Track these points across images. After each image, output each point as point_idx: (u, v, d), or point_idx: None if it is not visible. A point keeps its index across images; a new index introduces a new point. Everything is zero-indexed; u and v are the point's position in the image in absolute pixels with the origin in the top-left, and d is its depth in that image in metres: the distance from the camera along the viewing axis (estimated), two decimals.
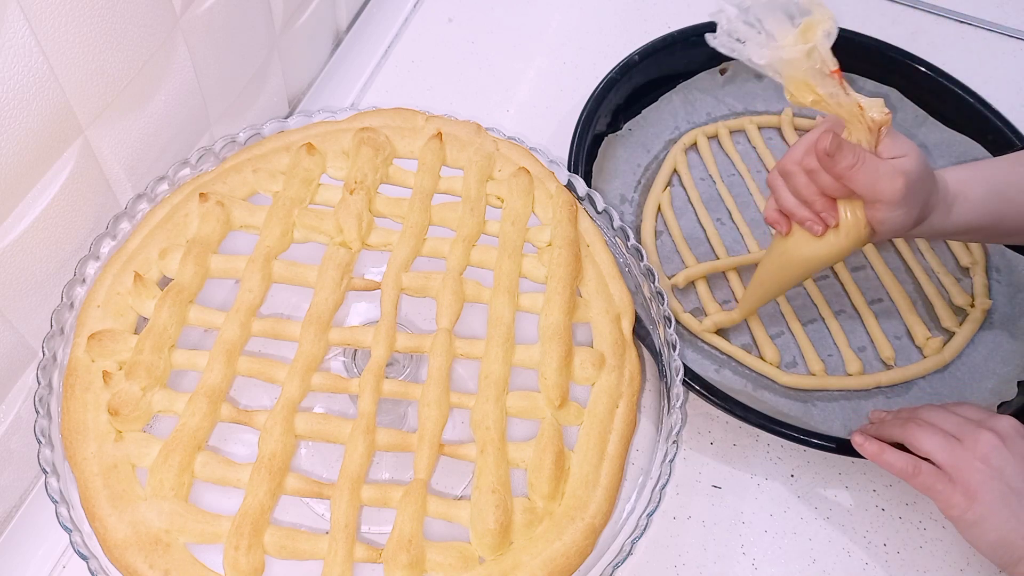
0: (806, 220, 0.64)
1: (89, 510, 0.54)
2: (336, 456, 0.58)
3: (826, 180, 0.62)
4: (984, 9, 1.07)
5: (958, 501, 0.60)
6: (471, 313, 0.64)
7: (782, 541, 0.71)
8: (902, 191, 0.60)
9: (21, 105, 0.53)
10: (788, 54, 0.57)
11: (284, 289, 0.64)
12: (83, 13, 0.55)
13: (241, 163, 0.67)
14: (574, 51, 1.00)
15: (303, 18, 0.87)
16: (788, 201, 0.65)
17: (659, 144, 0.91)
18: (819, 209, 0.64)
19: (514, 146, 0.70)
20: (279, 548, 0.54)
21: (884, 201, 0.61)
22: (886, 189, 0.60)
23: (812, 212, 0.64)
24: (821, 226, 0.64)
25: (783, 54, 0.57)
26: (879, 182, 0.60)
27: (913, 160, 0.61)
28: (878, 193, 0.60)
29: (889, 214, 0.62)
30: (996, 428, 0.62)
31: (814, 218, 0.64)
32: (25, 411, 0.65)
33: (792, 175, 0.64)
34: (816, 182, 0.63)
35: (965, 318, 0.82)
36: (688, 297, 0.81)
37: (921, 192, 0.62)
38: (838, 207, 0.63)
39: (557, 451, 0.57)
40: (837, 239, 0.64)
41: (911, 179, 0.60)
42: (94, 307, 0.60)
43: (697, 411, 0.76)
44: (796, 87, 0.59)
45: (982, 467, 0.60)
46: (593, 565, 0.56)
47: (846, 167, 0.60)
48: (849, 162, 0.60)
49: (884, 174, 0.60)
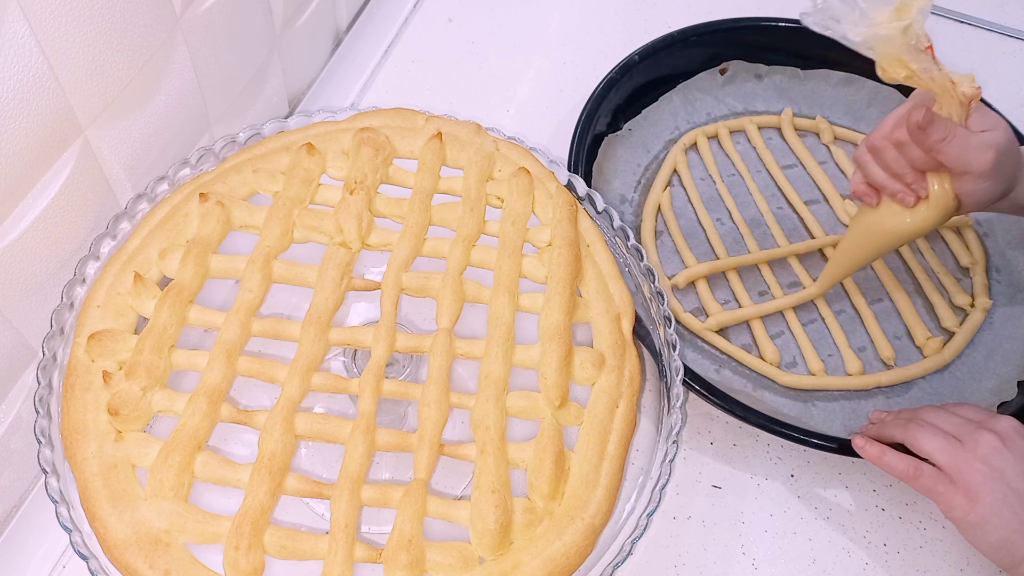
0: (898, 192, 0.66)
1: (89, 510, 0.54)
2: (336, 456, 0.58)
3: (916, 153, 0.64)
4: (984, 9, 1.07)
5: (959, 503, 0.60)
6: (471, 313, 0.64)
7: (782, 541, 0.71)
8: (992, 163, 0.62)
9: (21, 105, 0.53)
10: (884, 31, 0.59)
11: (284, 289, 0.64)
12: (83, 13, 0.55)
13: (241, 163, 0.67)
14: (574, 51, 1.00)
15: (303, 18, 0.87)
16: (878, 175, 0.67)
17: (659, 144, 0.91)
18: (909, 182, 0.66)
19: (514, 146, 0.70)
20: (279, 548, 0.54)
21: (973, 173, 0.63)
22: (975, 161, 0.62)
23: (903, 184, 0.66)
24: (913, 197, 0.66)
25: (879, 31, 0.59)
26: (969, 154, 0.62)
27: (1001, 134, 0.63)
28: (967, 165, 0.62)
29: (977, 186, 0.64)
30: (996, 429, 0.62)
31: (905, 190, 0.66)
32: (25, 411, 0.65)
33: (881, 149, 0.66)
34: (906, 155, 0.65)
35: (965, 318, 0.82)
36: (688, 297, 0.81)
37: (1008, 165, 0.64)
38: (928, 179, 0.65)
39: (557, 451, 0.57)
40: (927, 210, 0.66)
41: (1000, 152, 0.62)
42: (94, 307, 0.60)
43: (697, 411, 0.76)
44: (889, 63, 0.61)
45: (983, 468, 0.60)
46: (593, 565, 0.56)
47: (937, 140, 0.62)
48: (940, 135, 0.62)
49: (974, 147, 0.62)
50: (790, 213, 0.88)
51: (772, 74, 0.95)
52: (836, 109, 0.94)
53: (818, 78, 0.95)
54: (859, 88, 0.94)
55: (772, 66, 0.95)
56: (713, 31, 0.92)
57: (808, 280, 0.82)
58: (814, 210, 0.87)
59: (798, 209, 0.87)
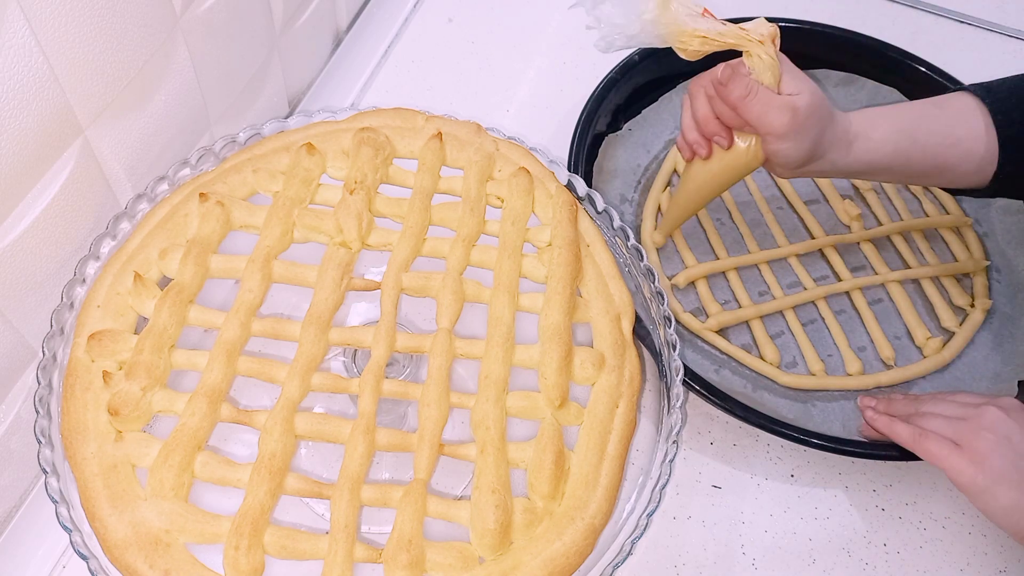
0: (693, 143, 0.70)
1: (89, 510, 0.54)
2: (336, 456, 0.58)
3: (722, 108, 0.67)
4: (984, 9, 1.07)
5: (965, 467, 0.61)
6: (471, 313, 0.64)
7: (782, 541, 0.71)
8: (788, 124, 0.64)
9: (21, 105, 0.53)
10: (652, 16, 0.62)
11: (284, 289, 0.64)
12: (83, 13, 0.55)
13: (241, 163, 0.67)
14: (574, 51, 1.00)
15: (303, 18, 0.87)
16: (686, 123, 0.70)
17: (659, 144, 0.91)
18: (712, 132, 0.68)
19: (514, 146, 0.70)
20: (279, 548, 0.54)
21: (773, 133, 0.65)
22: (774, 122, 0.65)
23: (698, 135, 0.69)
24: (706, 149, 0.69)
25: (648, 16, 0.62)
26: (768, 114, 0.65)
27: (805, 97, 0.65)
28: (767, 125, 0.65)
29: (778, 146, 0.66)
30: (998, 404, 0.64)
31: (700, 140, 0.69)
32: (25, 411, 0.65)
33: (695, 97, 0.69)
34: (715, 108, 0.68)
35: (965, 318, 0.82)
36: (688, 297, 0.81)
37: (812, 128, 0.66)
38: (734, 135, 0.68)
39: (557, 451, 0.57)
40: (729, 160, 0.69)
41: (800, 114, 0.65)
42: (94, 307, 0.60)
43: (697, 411, 0.76)
44: (681, 40, 0.63)
45: (989, 435, 0.61)
46: (593, 565, 0.56)
47: (738, 97, 0.65)
48: (741, 93, 0.65)
49: (774, 107, 0.64)
50: (790, 213, 0.88)
51: None
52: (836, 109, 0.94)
53: (818, 78, 0.94)
54: (859, 88, 0.94)
55: None
56: None
57: (809, 282, 0.82)
58: (814, 210, 0.87)
59: (798, 209, 0.87)
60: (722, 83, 0.65)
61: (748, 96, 0.64)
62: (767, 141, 0.67)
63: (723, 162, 0.70)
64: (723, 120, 0.68)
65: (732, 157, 0.69)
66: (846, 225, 0.86)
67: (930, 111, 0.70)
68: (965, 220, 0.87)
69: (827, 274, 0.84)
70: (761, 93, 0.64)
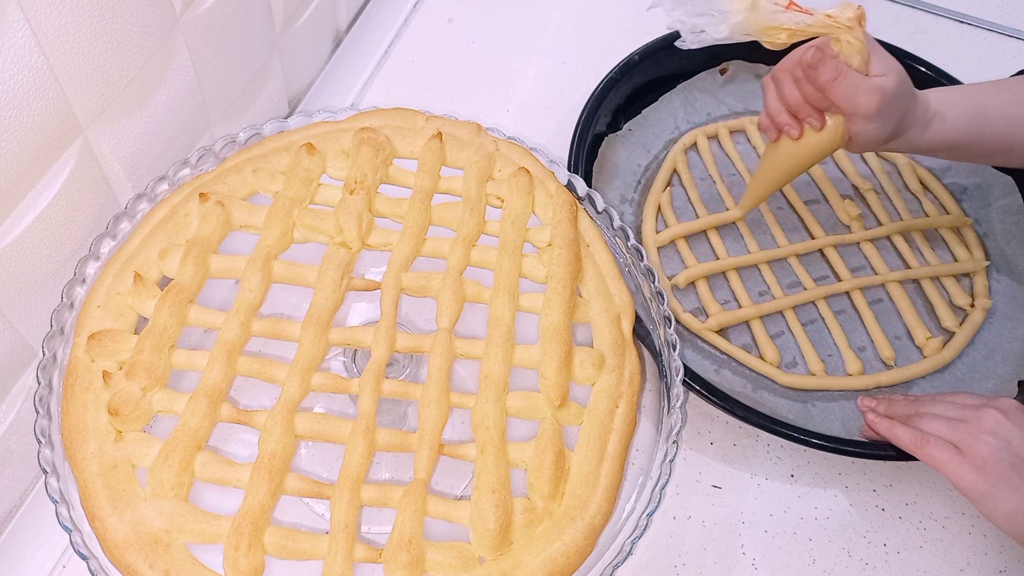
0: (784, 124, 0.71)
1: (89, 510, 0.54)
2: (336, 456, 0.58)
3: (810, 90, 0.68)
4: (984, 9, 1.07)
5: (966, 472, 0.61)
6: (471, 313, 0.64)
7: (782, 541, 0.71)
8: (876, 106, 0.66)
9: (21, 105, 0.53)
10: (740, 16, 0.63)
11: (284, 289, 0.64)
12: (83, 13, 0.55)
13: (241, 163, 0.67)
14: (574, 51, 1.00)
15: (303, 18, 0.87)
16: (773, 105, 0.72)
17: (659, 144, 0.91)
18: (803, 116, 0.70)
19: (514, 146, 0.70)
20: (279, 548, 0.54)
21: (860, 114, 0.67)
22: (862, 103, 0.66)
23: (789, 117, 0.71)
24: (797, 130, 0.71)
25: (737, 19, 0.63)
26: (857, 96, 0.66)
27: (892, 79, 0.66)
28: (855, 107, 0.66)
29: (864, 126, 0.68)
30: (998, 406, 0.64)
31: (792, 122, 0.71)
32: (25, 411, 0.65)
33: (781, 82, 0.70)
34: (802, 91, 0.69)
35: (965, 318, 0.82)
36: (688, 297, 0.81)
37: (896, 109, 0.68)
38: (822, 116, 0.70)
39: (557, 451, 0.57)
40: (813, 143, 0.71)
41: (887, 96, 0.66)
42: (94, 307, 0.60)
43: (697, 411, 0.76)
44: (768, 35, 0.64)
45: (990, 439, 0.61)
46: (593, 565, 0.56)
47: (827, 80, 0.66)
48: (830, 75, 0.66)
49: (862, 89, 0.66)
50: (790, 213, 0.88)
51: None
52: None
53: None
54: None
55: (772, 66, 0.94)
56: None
57: (809, 282, 0.82)
58: (814, 210, 0.87)
59: (798, 209, 0.87)
60: (811, 66, 0.66)
61: (837, 79, 0.65)
62: (852, 121, 0.68)
63: (810, 142, 0.71)
64: (810, 102, 0.69)
65: (819, 137, 0.71)
66: (846, 225, 0.86)
67: (1001, 92, 0.73)
68: (965, 220, 0.87)
69: (827, 274, 0.84)
70: (849, 75, 0.65)
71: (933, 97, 0.71)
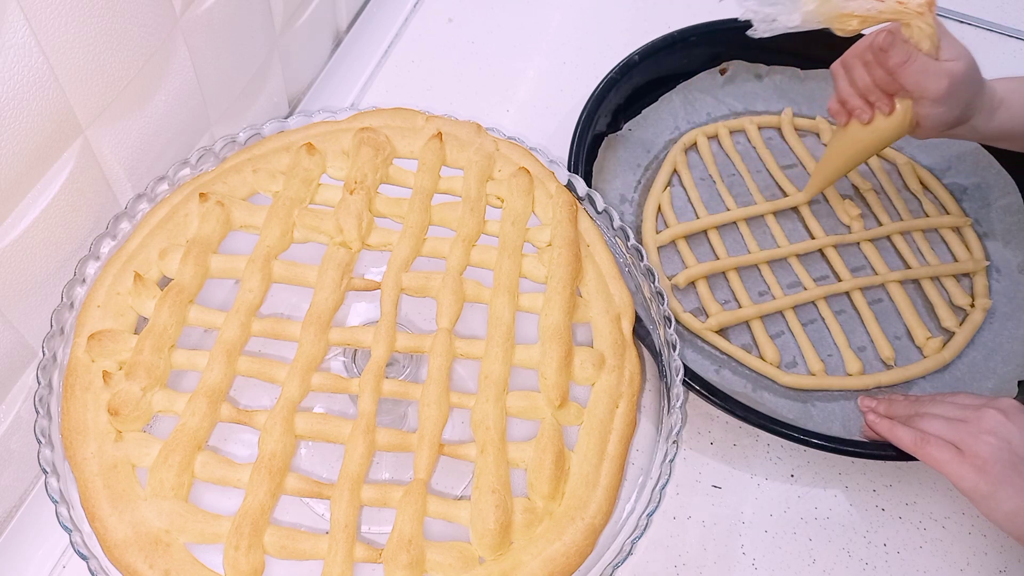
0: (856, 108, 0.73)
1: (89, 510, 0.54)
2: (336, 456, 0.58)
3: (880, 74, 0.70)
4: (984, 9, 1.07)
5: (967, 473, 0.61)
6: (471, 313, 0.64)
7: (782, 541, 0.71)
8: (945, 89, 0.67)
9: (21, 105, 0.53)
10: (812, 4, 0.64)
11: (284, 289, 0.64)
12: (83, 13, 0.55)
13: (241, 163, 0.67)
14: (574, 51, 1.00)
15: (303, 18, 0.87)
16: (844, 90, 0.74)
17: (659, 144, 0.91)
18: (872, 100, 0.72)
19: (514, 146, 0.70)
20: (279, 548, 0.54)
21: (928, 98, 0.69)
22: (931, 87, 0.68)
23: (862, 102, 0.73)
24: (868, 114, 0.73)
25: (809, 7, 0.64)
26: (926, 79, 0.68)
27: (962, 64, 0.68)
28: (924, 90, 0.68)
29: (932, 110, 0.69)
30: (998, 406, 0.64)
31: (863, 106, 0.73)
32: (25, 411, 0.65)
33: (851, 67, 0.72)
34: (872, 75, 0.71)
35: (965, 318, 0.82)
36: (688, 297, 0.81)
37: (964, 94, 0.69)
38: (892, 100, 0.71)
39: (557, 451, 0.57)
40: (883, 127, 0.73)
41: (955, 81, 0.68)
42: (94, 307, 0.60)
43: (697, 411, 0.76)
44: (839, 22, 0.66)
45: (990, 439, 0.61)
46: (593, 565, 0.56)
47: (898, 63, 0.68)
48: (900, 58, 0.67)
49: (932, 73, 0.67)
50: (790, 213, 0.88)
51: (772, 74, 0.95)
52: None
53: (818, 78, 0.95)
54: None
55: (772, 66, 0.95)
56: (713, 31, 0.92)
57: (809, 282, 0.82)
58: (814, 210, 0.87)
59: (798, 209, 0.87)
60: (882, 49, 0.68)
61: (907, 62, 0.67)
62: (921, 105, 0.70)
63: (879, 127, 0.73)
64: (880, 86, 0.71)
65: (888, 122, 0.73)
66: (846, 225, 0.86)
67: None
68: (965, 220, 0.87)
69: (827, 274, 0.84)
70: (920, 59, 0.67)
71: (1000, 86, 0.73)
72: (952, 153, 0.91)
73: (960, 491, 0.62)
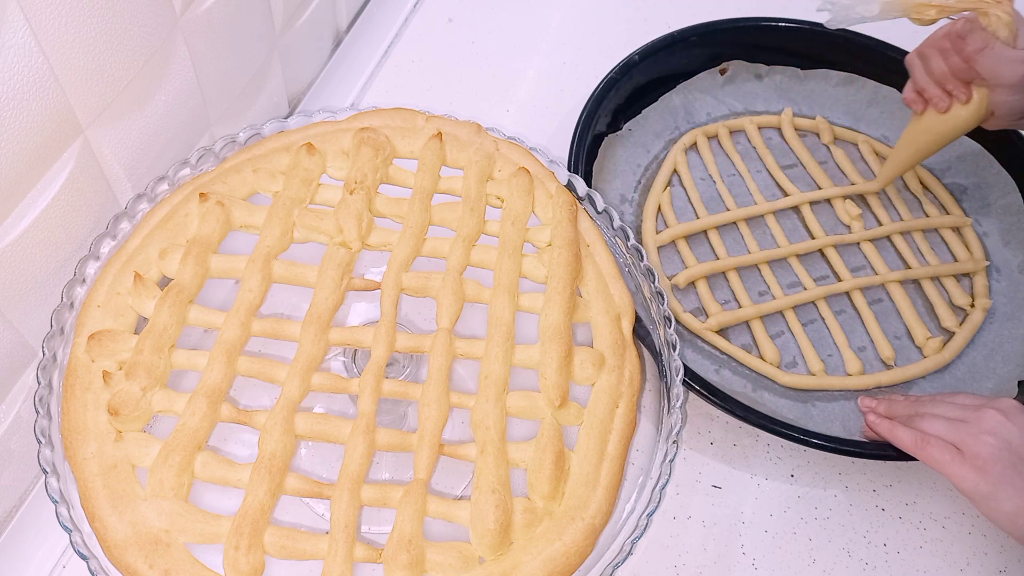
0: (934, 97, 0.74)
1: (89, 510, 0.54)
2: (336, 456, 0.58)
3: (956, 62, 0.71)
4: None
5: (968, 473, 0.61)
6: (471, 313, 0.64)
7: (782, 541, 0.71)
8: (1021, 77, 0.69)
9: (21, 105, 0.53)
10: None
11: (284, 289, 0.64)
12: (83, 13, 0.55)
13: (241, 163, 0.67)
14: (574, 51, 1.00)
15: (303, 18, 0.87)
16: (921, 78, 0.75)
17: (659, 144, 0.91)
18: (949, 88, 0.73)
19: (514, 146, 0.70)
20: (279, 548, 0.54)
21: (1004, 85, 0.70)
22: (1008, 74, 0.69)
23: (940, 90, 0.74)
24: (946, 103, 0.74)
25: None
26: (1002, 67, 0.69)
27: None
28: (1000, 77, 0.70)
29: (1008, 97, 0.71)
30: (998, 406, 0.64)
31: (941, 95, 0.74)
32: (25, 411, 0.65)
33: (928, 56, 0.74)
34: (948, 63, 0.72)
35: (965, 318, 0.82)
36: (688, 297, 0.81)
37: None
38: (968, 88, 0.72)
39: (557, 451, 0.57)
40: (961, 115, 0.74)
41: None
42: (94, 307, 0.60)
43: (697, 411, 0.76)
44: (917, 12, 0.68)
45: (990, 439, 0.61)
46: (593, 565, 0.56)
47: (975, 50, 0.69)
48: (977, 45, 0.69)
49: (1008, 60, 0.69)
50: (790, 213, 0.88)
51: (772, 74, 0.95)
52: (836, 109, 0.94)
53: (818, 78, 0.95)
54: (859, 88, 0.94)
55: (772, 66, 0.95)
56: (713, 31, 0.92)
57: (809, 282, 0.82)
58: (814, 210, 0.87)
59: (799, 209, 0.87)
60: (960, 36, 0.69)
61: (984, 49, 0.68)
62: (996, 92, 0.71)
63: (954, 115, 0.75)
64: (956, 74, 0.72)
65: (963, 110, 0.74)
66: (846, 225, 0.86)
67: None
68: (965, 220, 0.87)
69: (827, 274, 0.84)
70: (996, 47, 0.68)
71: None
72: (952, 153, 0.91)
73: (960, 491, 0.62)
